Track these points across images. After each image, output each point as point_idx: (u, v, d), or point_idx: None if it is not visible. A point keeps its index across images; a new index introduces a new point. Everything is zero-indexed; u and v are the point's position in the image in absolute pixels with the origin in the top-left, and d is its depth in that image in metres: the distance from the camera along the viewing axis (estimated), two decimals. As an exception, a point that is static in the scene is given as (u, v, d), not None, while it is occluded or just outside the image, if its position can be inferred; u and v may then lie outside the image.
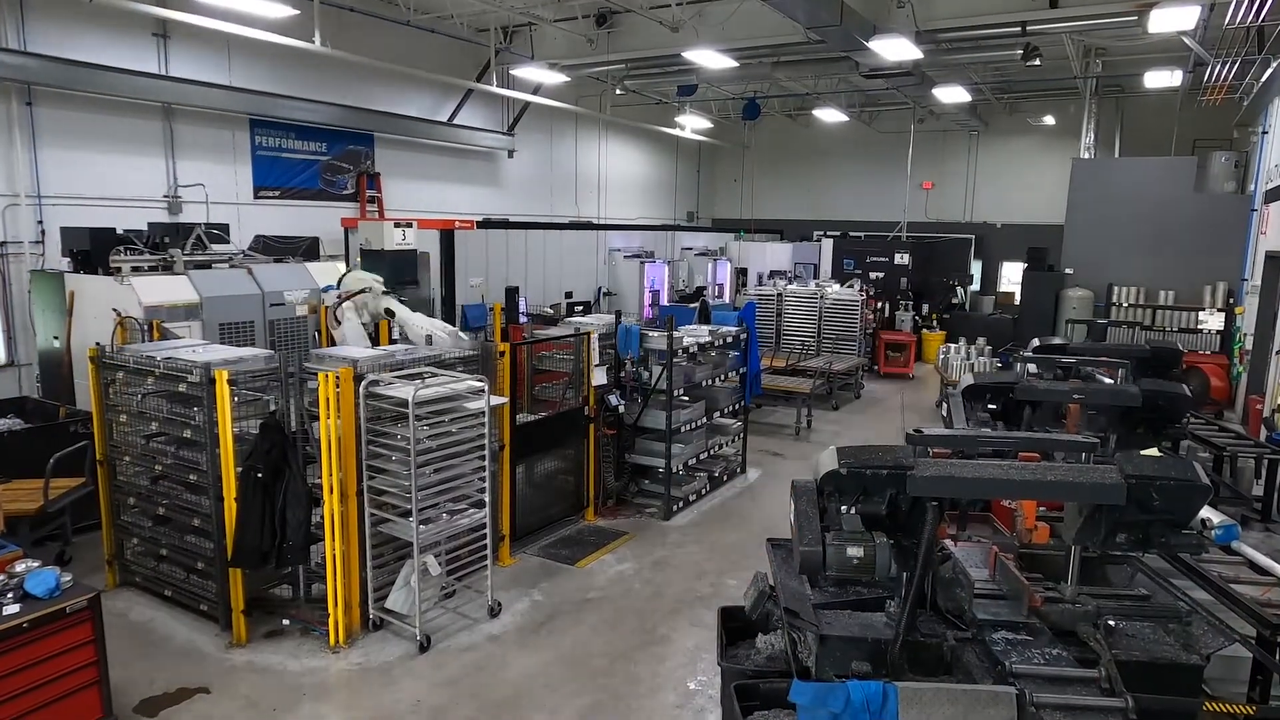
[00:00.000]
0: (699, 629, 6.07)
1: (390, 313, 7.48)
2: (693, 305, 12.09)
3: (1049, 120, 20.20)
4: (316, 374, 5.51)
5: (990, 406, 5.18)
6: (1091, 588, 3.29)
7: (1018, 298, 18.31)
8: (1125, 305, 15.53)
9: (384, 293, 7.55)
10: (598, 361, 8.10)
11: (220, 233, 9.70)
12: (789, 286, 15.95)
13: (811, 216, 23.80)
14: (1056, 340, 6.35)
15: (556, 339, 8.25)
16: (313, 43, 11.01)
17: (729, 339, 9.52)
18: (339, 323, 7.33)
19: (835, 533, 2.87)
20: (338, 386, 5.41)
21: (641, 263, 17.27)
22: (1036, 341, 6.28)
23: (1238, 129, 15.81)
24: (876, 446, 2.94)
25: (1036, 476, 2.87)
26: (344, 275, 7.94)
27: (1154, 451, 4.02)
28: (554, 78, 14.97)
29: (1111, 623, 2.96)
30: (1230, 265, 14.54)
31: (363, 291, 7.40)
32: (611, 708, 5.15)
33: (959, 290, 20.44)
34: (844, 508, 2.91)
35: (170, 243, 8.80)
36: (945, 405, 6.24)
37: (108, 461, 6.37)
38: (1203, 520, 3.81)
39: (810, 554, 2.81)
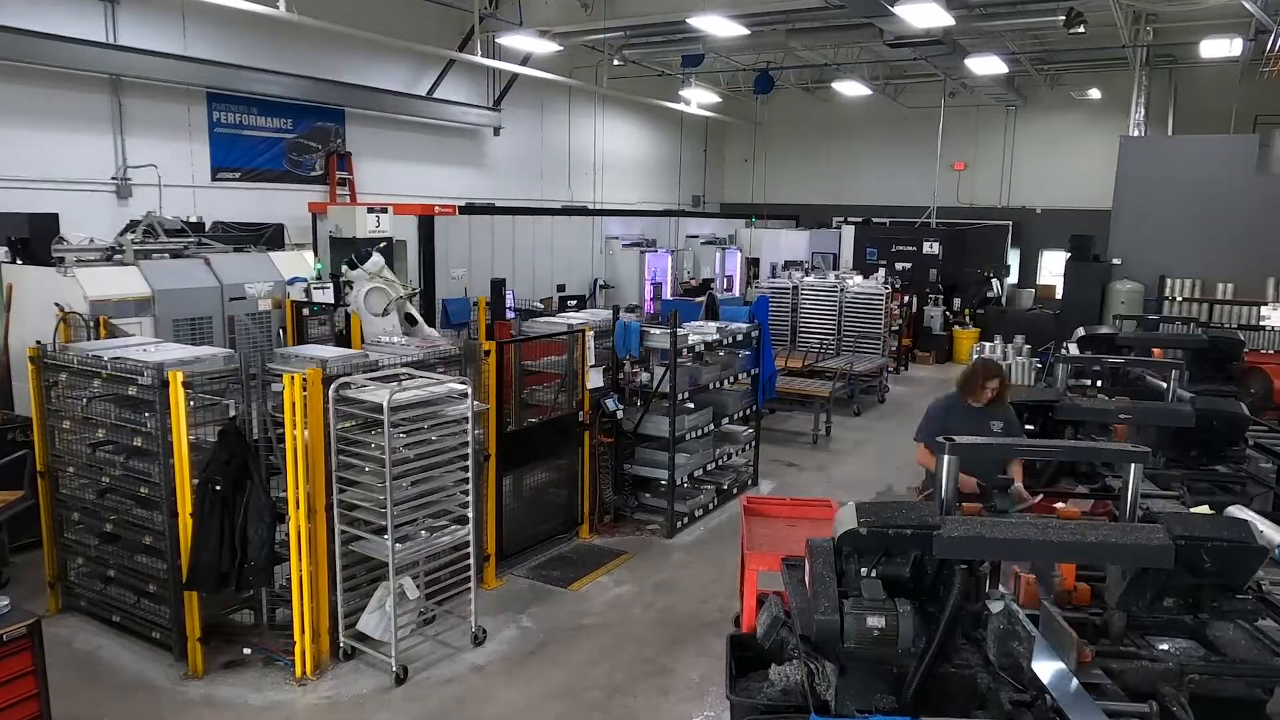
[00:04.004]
0: (705, 659, 6.07)
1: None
2: (699, 299, 12.10)
3: (1094, 94, 20.21)
4: (281, 375, 5.51)
5: (1029, 426, 5.20)
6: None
7: (1060, 291, 18.33)
8: (1179, 299, 15.51)
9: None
10: (593, 362, 8.10)
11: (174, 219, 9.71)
12: (806, 279, 15.95)
13: (831, 201, 23.81)
14: (1104, 330, 6.32)
15: (548, 338, 8.25)
16: (277, 8, 11.02)
17: (739, 337, 9.53)
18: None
19: (854, 599, 2.91)
20: (305, 389, 5.42)
21: (642, 252, 17.28)
22: (1081, 331, 6.26)
23: (1304, 104, 15.85)
24: (899, 503, 3.01)
25: (1075, 537, 2.93)
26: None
27: (1205, 509, 4.06)
28: (545, 47, 14.98)
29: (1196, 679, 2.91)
30: (1296, 255, 14.57)
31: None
32: (609, 746, 5.16)
33: (994, 283, 20.44)
34: (864, 570, 2.95)
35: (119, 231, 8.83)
36: None
37: (49, 473, 6.36)
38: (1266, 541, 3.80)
39: (826, 624, 2.85)
